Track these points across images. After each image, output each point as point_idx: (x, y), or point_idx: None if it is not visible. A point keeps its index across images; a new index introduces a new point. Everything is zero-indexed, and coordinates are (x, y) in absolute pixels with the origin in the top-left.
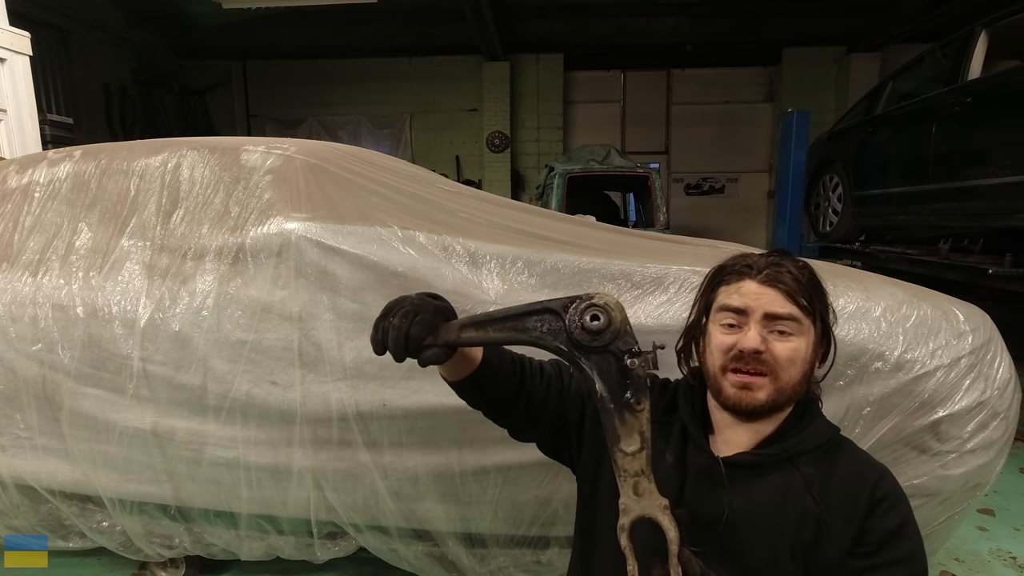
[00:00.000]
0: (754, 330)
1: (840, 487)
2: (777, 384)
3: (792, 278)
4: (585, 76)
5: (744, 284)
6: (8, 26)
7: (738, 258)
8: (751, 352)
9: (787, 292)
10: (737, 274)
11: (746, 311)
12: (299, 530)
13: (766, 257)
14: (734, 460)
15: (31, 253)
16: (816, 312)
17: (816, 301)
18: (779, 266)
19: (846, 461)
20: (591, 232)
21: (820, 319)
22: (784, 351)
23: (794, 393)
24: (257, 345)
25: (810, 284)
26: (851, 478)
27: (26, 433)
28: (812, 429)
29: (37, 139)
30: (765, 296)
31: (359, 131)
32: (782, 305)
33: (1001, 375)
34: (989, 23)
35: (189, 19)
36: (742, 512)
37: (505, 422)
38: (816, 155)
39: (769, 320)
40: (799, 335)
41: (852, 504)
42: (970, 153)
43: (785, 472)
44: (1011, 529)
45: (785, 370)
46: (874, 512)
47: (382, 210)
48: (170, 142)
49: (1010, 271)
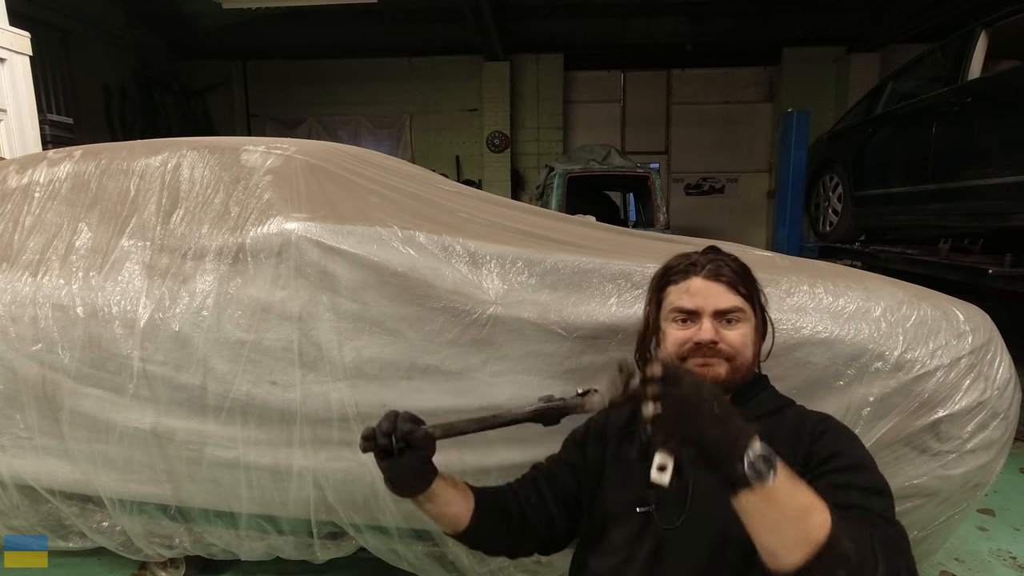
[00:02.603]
0: (707, 324)
1: (785, 439)
2: (733, 364)
3: (731, 271)
4: (585, 76)
5: (691, 282)
6: (8, 26)
7: (680, 258)
8: (708, 343)
9: (729, 284)
10: (683, 273)
11: (698, 312)
12: (299, 530)
13: (705, 254)
14: None
15: (31, 253)
16: (755, 299)
17: (753, 289)
18: (718, 261)
19: (790, 418)
20: (591, 232)
21: (758, 305)
22: (735, 336)
23: (748, 371)
24: (257, 345)
25: (746, 274)
26: (793, 428)
27: (26, 433)
28: (760, 399)
29: (37, 139)
30: (712, 290)
31: (359, 131)
32: (728, 299)
33: (1001, 375)
34: (989, 23)
35: (189, 19)
36: (706, 484)
37: (532, 543)
38: (816, 155)
39: (719, 314)
40: (745, 321)
41: (795, 445)
42: (970, 153)
43: None
44: (1011, 529)
45: (740, 353)
46: (817, 441)
47: (382, 210)
48: (170, 142)
49: (1010, 271)
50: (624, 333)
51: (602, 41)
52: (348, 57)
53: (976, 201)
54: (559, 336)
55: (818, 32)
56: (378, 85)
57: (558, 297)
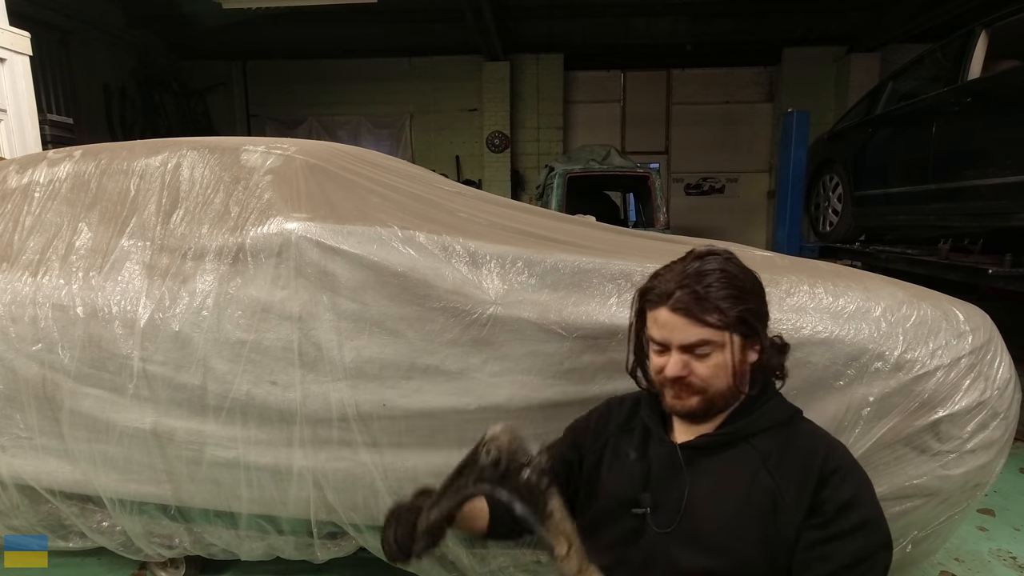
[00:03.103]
0: (675, 358)
1: (793, 460)
2: (706, 396)
3: (701, 299)
4: (585, 76)
5: (659, 313)
6: (8, 26)
7: (655, 280)
8: (673, 380)
9: (695, 317)
10: (653, 301)
11: (666, 344)
12: (299, 530)
13: (680, 275)
14: (692, 443)
15: (31, 253)
16: (731, 321)
17: (732, 309)
18: (687, 287)
19: (800, 436)
20: (591, 232)
21: (741, 324)
22: (705, 370)
23: (729, 396)
24: (257, 345)
25: (725, 295)
26: (802, 450)
27: (26, 433)
28: (766, 410)
29: (37, 139)
30: (676, 325)
31: (359, 131)
32: (691, 335)
33: (1001, 375)
34: (989, 23)
35: (189, 19)
36: (703, 491)
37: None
38: (816, 155)
39: (685, 349)
40: (717, 351)
41: (803, 475)
42: (970, 153)
43: (741, 449)
44: (1011, 529)
45: (711, 384)
46: (827, 484)
47: (382, 210)
48: (170, 142)
49: (1010, 271)
50: (624, 333)
51: (602, 41)
52: (348, 57)
53: (976, 201)
54: (559, 336)
55: (818, 32)
56: (378, 85)
57: (558, 297)
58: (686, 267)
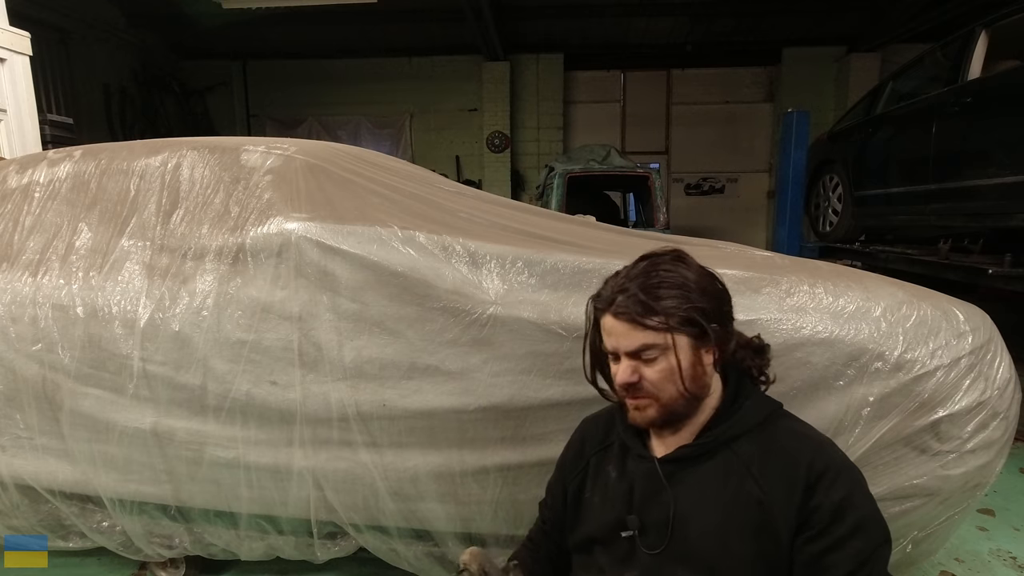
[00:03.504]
0: (624, 364)
1: (777, 464)
2: (660, 402)
3: (637, 303)
4: (585, 76)
5: (606, 320)
6: (8, 26)
7: (603, 286)
8: (625, 385)
9: (633, 321)
10: (600, 309)
11: (615, 351)
12: (299, 530)
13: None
14: (671, 456)
15: (31, 253)
16: (674, 323)
17: (676, 310)
18: (625, 291)
19: (783, 437)
20: (591, 232)
21: (687, 324)
22: (653, 375)
23: (684, 401)
24: (257, 345)
25: (666, 296)
26: (787, 453)
27: (26, 433)
28: (744, 411)
29: (37, 139)
30: (619, 331)
31: (359, 131)
32: (632, 340)
33: (1001, 375)
34: (989, 23)
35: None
36: (689, 506)
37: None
38: (816, 155)
39: (631, 355)
40: (662, 356)
41: (790, 481)
42: (970, 153)
43: (723, 457)
44: (1011, 529)
45: (662, 389)
46: (816, 489)
47: (382, 210)
48: (170, 142)
49: (1010, 271)
50: None
51: (602, 41)
52: (348, 57)
53: (976, 201)
54: (559, 336)
55: (818, 32)
56: (378, 85)
57: (558, 297)
58: (631, 271)
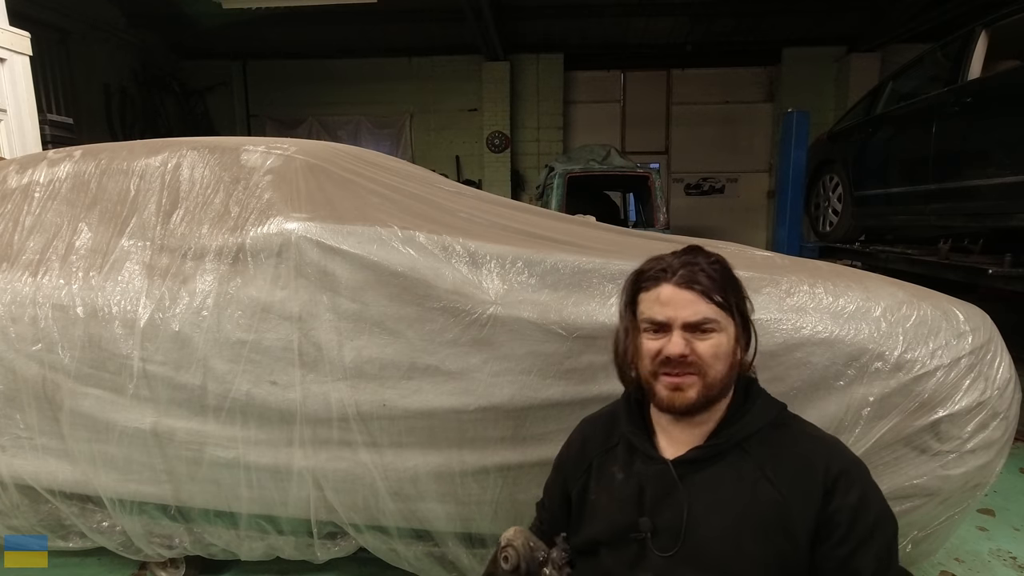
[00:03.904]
0: (677, 336)
1: (793, 467)
2: (705, 380)
3: (706, 276)
4: (585, 76)
5: (661, 290)
6: (8, 26)
7: (653, 261)
8: (677, 357)
9: (702, 292)
10: (654, 280)
11: (669, 323)
12: (299, 530)
13: (680, 257)
14: (685, 458)
15: (31, 253)
16: (732, 306)
17: (731, 295)
18: (693, 265)
19: (795, 439)
20: (591, 232)
21: (737, 312)
22: (707, 348)
23: (723, 386)
24: (257, 345)
25: (724, 279)
26: (802, 456)
27: (26, 433)
28: (755, 411)
29: (37, 139)
30: (682, 301)
31: (359, 131)
32: (698, 310)
33: (1001, 375)
34: (989, 23)
35: (189, 19)
36: (703, 508)
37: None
38: (816, 155)
39: (689, 327)
40: (719, 331)
41: (808, 485)
42: (970, 153)
43: (736, 458)
44: (1011, 529)
45: (711, 366)
46: (835, 491)
47: (382, 210)
48: (170, 142)
49: (1010, 271)
50: None
51: (602, 41)
52: (348, 57)
53: (976, 201)
54: (559, 336)
55: (818, 32)
56: (378, 85)
57: (558, 297)
58: (684, 253)
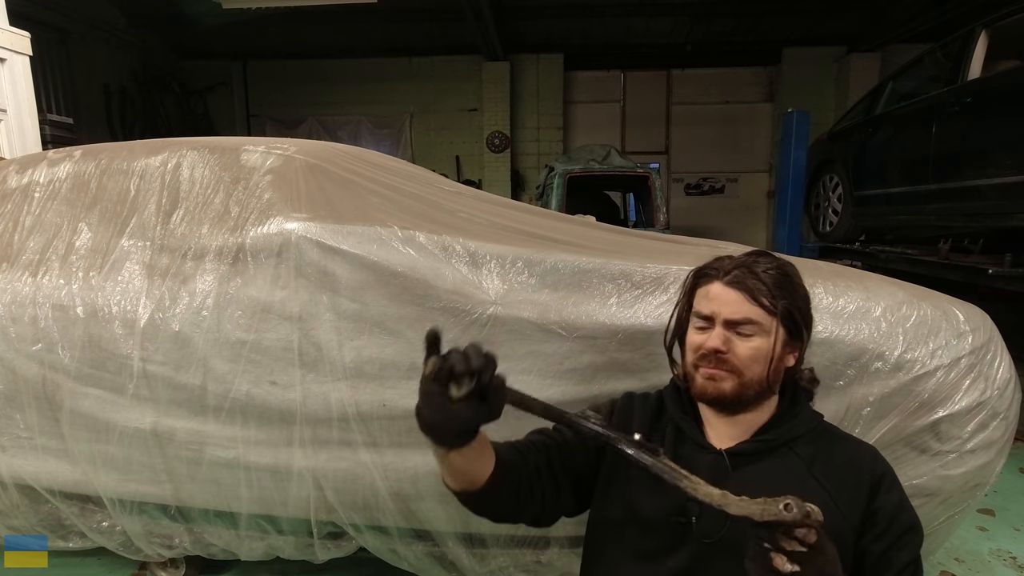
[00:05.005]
0: (717, 331)
1: (841, 468)
2: (741, 379)
3: (756, 280)
4: (585, 76)
5: (712, 287)
6: (8, 26)
7: (714, 260)
8: (712, 351)
9: (749, 294)
10: (708, 276)
11: (712, 317)
12: (299, 530)
13: (738, 260)
14: (735, 450)
15: (31, 253)
16: (780, 311)
17: (783, 300)
18: (746, 267)
19: (839, 443)
20: (591, 232)
21: (789, 318)
22: (745, 350)
23: (760, 387)
24: (257, 345)
25: (778, 285)
26: (849, 459)
27: (26, 433)
28: (803, 415)
29: (37, 139)
30: (728, 299)
31: (359, 131)
32: (739, 310)
33: (1001, 375)
34: (989, 23)
35: (189, 19)
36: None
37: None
38: (816, 155)
39: (731, 324)
40: (760, 335)
41: (855, 485)
42: (970, 153)
43: (784, 457)
44: (1011, 529)
45: (748, 367)
46: (879, 491)
47: (382, 210)
48: (170, 142)
49: (1010, 271)
50: (624, 333)
51: (602, 41)
52: (348, 57)
53: (976, 201)
54: (559, 336)
55: (818, 32)
56: (378, 85)
57: (558, 297)
58: (747, 256)
